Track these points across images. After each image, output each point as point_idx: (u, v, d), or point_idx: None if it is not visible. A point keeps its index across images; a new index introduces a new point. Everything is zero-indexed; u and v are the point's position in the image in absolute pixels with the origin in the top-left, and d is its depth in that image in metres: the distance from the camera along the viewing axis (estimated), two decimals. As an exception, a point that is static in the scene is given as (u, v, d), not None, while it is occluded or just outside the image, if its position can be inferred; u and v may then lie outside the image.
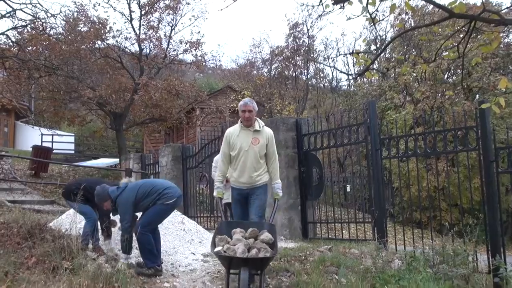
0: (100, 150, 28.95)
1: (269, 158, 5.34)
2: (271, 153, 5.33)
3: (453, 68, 17.03)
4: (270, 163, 5.35)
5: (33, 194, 13.53)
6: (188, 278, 5.70)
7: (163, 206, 5.55)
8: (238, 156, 5.22)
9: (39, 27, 11.56)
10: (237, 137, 5.25)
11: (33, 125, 16.20)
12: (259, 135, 5.25)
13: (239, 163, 5.24)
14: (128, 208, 5.50)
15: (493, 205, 5.90)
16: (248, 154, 5.18)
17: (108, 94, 16.56)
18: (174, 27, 19.40)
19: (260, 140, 5.23)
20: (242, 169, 5.22)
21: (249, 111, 5.20)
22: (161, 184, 5.79)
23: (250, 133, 5.23)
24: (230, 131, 5.37)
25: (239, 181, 5.30)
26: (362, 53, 4.76)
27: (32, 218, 6.54)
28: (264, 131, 5.31)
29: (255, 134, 5.23)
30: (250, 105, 5.22)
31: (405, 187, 10.62)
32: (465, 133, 6.35)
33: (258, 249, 4.36)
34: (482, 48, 4.36)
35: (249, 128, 5.25)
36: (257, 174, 5.26)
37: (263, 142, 5.24)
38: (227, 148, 5.31)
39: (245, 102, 5.26)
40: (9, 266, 4.46)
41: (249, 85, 22.96)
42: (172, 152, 11.42)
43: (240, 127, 5.30)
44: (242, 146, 5.19)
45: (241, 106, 5.25)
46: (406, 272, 5.48)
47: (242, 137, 5.23)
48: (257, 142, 5.20)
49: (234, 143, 5.24)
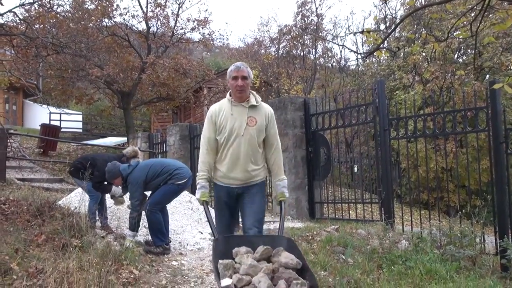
0: (108, 129, 29.05)
1: (269, 144, 3.87)
2: (272, 137, 3.86)
3: (463, 48, 16.79)
4: (270, 152, 3.87)
5: (42, 172, 13.65)
6: (195, 256, 5.75)
7: (174, 186, 5.59)
8: (228, 142, 3.75)
9: (46, 4, 11.48)
10: (226, 116, 3.77)
11: (41, 104, 16.20)
12: (256, 112, 3.80)
13: (229, 152, 3.76)
14: (138, 187, 5.55)
15: (502, 187, 5.87)
16: (242, 139, 3.71)
17: (115, 73, 16.54)
18: (181, 4, 19.22)
19: (258, 120, 3.77)
20: (234, 161, 3.75)
21: (243, 78, 3.74)
22: (173, 164, 5.82)
23: (244, 110, 3.78)
24: (215, 108, 3.87)
25: (229, 177, 3.81)
26: (373, 32, 4.66)
27: (41, 196, 6.63)
28: (263, 108, 3.86)
29: (251, 112, 3.78)
30: (244, 70, 3.77)
31: (413, 167, 10.58)
32: (475, 114, 6.29)
33: (286, 281, 2.82)
34: (495, 27, 4.28)
35: (243, 104, 3.79)
36: (254, 168, 3.80)
37: (262, 122, 3.79)
38: (212, 132, 3.82)
39: (237, 66, 3.80)
40: (19, 243, 4.50)
41: (256, 64, 22.79)
42: (180, 131, 11.42)
43: (230, 102, 3.82)
44: (234, 128, 3.72)
45: (232, 71, 3.80)
46: (413, 253, 5.49)
47: (234, 116, 3.76)
48: (253, 122, 3.75)
49: (221, 124, 3.77)
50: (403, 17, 13.43)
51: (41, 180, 11.47)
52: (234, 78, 3.76)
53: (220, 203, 3.96)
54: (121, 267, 4.49)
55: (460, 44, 15.74)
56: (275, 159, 3.89)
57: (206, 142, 3.85)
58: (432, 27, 16.43)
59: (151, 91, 19.45)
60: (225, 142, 3.76)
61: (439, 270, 4.94)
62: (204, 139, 3.86)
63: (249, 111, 3.78)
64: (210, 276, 4.98)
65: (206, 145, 3.84)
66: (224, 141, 3.76)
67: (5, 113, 22.75)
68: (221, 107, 3.85)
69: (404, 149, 8.53)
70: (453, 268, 5.09)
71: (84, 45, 15.01)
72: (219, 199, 3.95)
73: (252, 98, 3.84)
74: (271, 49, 26.28)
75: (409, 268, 5.05)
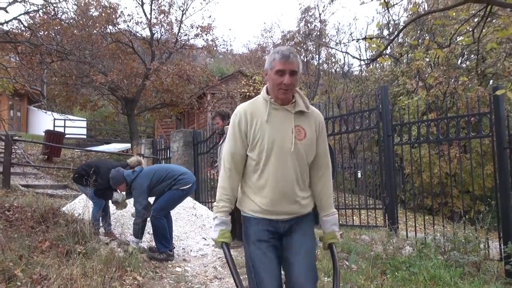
0: (111, 135, 29.11)
1: (317, 165, 2.73)
2: (322, 156, 2.74)
3: (466, 53, 16.79)
4: (318, 176, 2.75)
5: (46, 178, 13.68)
6: (199, 263, 5.75)
7: (178, 191, 5.61)
8: (268, 161, 2.59)
9: (50, 11, 11.55)
10: (263, 123, 2.61)
11: (45, 110, 16.28)
12: (304, 121, 2.67)
13: (269, 176, 2.60)
14: (142, 192, 5.56)
15: (506, 192, 5.85)
16: (289, 157, 2.59)
17: (119, 79, 16.63)
18: (185, 11, 19.32)
19: (307, 132, 2.65)
20: (278, 188, 2.59)
21: (292, 73, 2.56)
22: (177, 169, 5.84)
23: (288, 116, 2.63)
24: (245, 111, 2.66)
25: (271, 212, 2.62)
26: (375, 38, 4.66)
27: (46, 203, 6.63)
28: (313, 115, 2.72)
29: (298, 120, 2.65)
30: (294, 62, 2.56)
31: (417, 173, 10.56)
32: (478, 119, 6.29)
33: None
34: (498, 33, 4.29)
35: (287, 107, 2.64)
36: (304, 196, 2.69)
37: (312, 135, 2.67)
38: (240, 146, 2.65)
39: (285, 56, 2.55)
40: (23, 249, 4.52)
41: (260, 70, 22.85)
42: (184, 137, 11.44)
43: (268, 103, 2.64)
44: (276, 142, 2.58)
45: (276, 61, 2.57)
46: (416, 258, 5.48)
47: (274, 124, 2.60)
48: (302, 135, 2.62)
49: (256, 136, 2.60)
50: (405, 24, 13.46)
51: (45, 187, 11.49)
52: (279, 73, 2.55)
53: (257, 246, 2.60)
54: (124, 274, 4.50)
55: (464, 50, 15.75)
56: (324, 185, 2.76)
57: (230, 160, 2.66)
58: (435, 33, 16.45)
59: (155, 97, 19.54)
60: (263, 162, 2.59)
61: (443, 276, 4.93)
62: (227, 155, 2.67)
63: (296, 118, 2.63)
64: (214, 282, 4.98)
65: (229, 165, 2.67)
66: (261, 160, 2.59)
67: (9, 119, 22.86)
68: (254, 110, 2.65)
69: (408, 154, 8.52)
70: (457, 274, 5.07)
71: (88, 52, 15.10)
72: (256, 239, 2.62)
73: (299, 100, 2.67)
74: (275, 55, 26.34)
75: (413, 274, 5.04)
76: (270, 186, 2.59)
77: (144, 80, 17.22)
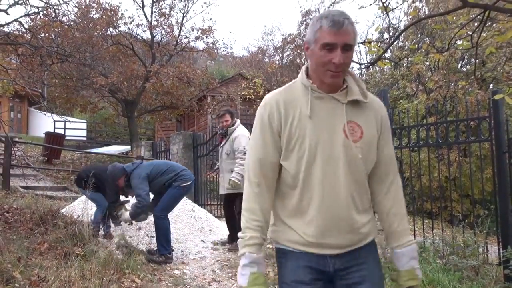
0: (112, 137, 29.14)
1: (381, 175, 1.97)
2: (387, 161, 1.97)
3: (467, 57, 16.81)
4: (383, 190, 2.00)
5: (46, 180, 13.68)
6: (198, 265, 5.75)
7: (180, 188, 5.60)
8: (311, 173, 1.82)
9: (51, 13, 11.58)
10: (303, 118, 1.84)
11: (45, 112, 16.33)
12: (360, 114, 1.90)
13: (313, 193, 1.83)
14: (143, 179, 5.49)
15: (505, 196, 5.85)
16: (339, 164, 1.82)
17: (120, 81, 16.67)
18: (185, 14, 19.40)
19: (365, 130, 1.88)
20: (327, 210, 1.82)
21: (346, 48, 1.78)
22: (177, 165, 5.89)
23: (338, 108, 1.87)
24: (279, 100, 1.90)
25: (318, 244, 1.85)
26: (375, 42, 4.68)
27: (45, 204, 6.64)
28: (373, 107, 1.95)
29: (351, 112, 1.88)
30: (349, 31, 1.77)
31: (416, 177, 10.56)
32: (478, 124, 6.29)
33: None
34: (497, 38, 4.30)
35: (336, 96, 1.87)
36: (364, 222, 1.97)
37: (372, 133, 1.90)
38: (272, 149, 1.88)
39: (337, 22, 1.74)
40: (21, 251, 4.52)
41: (260, 73, 22.87)
42: (183, 139, 11.45)
43: (310, 91, 1.87)
44: (321, 144, 1.82)
45: (323, 30, 1.77)
46: (415, 262, 5.47)
47: (321, 120, 1.84)
48: (358, 134, 1.86)
49: (295, 136, 1.84)
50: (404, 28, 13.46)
51: (44, 188, 11.49)
52: (327, 47, 1.76)
53: None
54: (123, 276, 4.50)
55: (464, 54, 15.76)
56: (394, 203, 1.98)
57: (258, 171, 1.87)
58: (435, 37, 16.47)
59: (155, 100, 19.58)
60: (303, 174, 1.82)
61: (441, 280, 4.93)
62: (254, 165, 1.89)
63: (349, 111, 1.85)
64: (212, 285, 4.98)
65: (257, 178, 1.87)
66: (301, 171, 1.82)
67: (10, 121, 22.88)
68: (290, 101, 1.87)
69: (408, 158, 8.52)
70: (455, 278, 5.07)
71: (89, 54, 15.15)
72: (294, 279, 1.85)
73: (353, 85, 1.89)
74: (275, 58, 26.46)
75: (411, 278, 5.03)
76: (315, 208, 1.80)
77: (145, 82, 17.25)
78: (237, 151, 6.14)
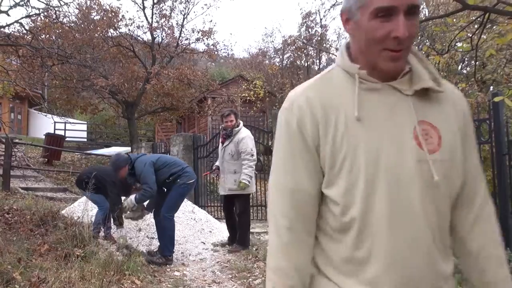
0: (112, 138, 29.12)
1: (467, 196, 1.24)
2: (473, 176, 1.25)
3: (467, 60, 16.82)
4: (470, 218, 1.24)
5: (46, 181, 13.68)
6: (198, 267, 5.75)
7: (184, 186, 5.60)
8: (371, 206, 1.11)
9: (52, 15, 11.59)
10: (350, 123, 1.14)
11: (46, 113, 16.36)
12: (435, 111, 1.19)
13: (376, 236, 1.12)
14: (149, 166, 5.42)
15: (505, 198, 5.86)
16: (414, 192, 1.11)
17: (120, 83, 16.69)
18: (186, 15, 19.43)
19: (444, 133, 1.17)
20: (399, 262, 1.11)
21: (411, 13, 1.10)
22: (181, 162, 5.89)
23: (403, 103, 1.16)
24: (312, 98, 1.18)
25: None
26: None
27: (45, 206, 6.65)
28: (450, 97, 1.24)
29: (423, 109, 1.17)
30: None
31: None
32: (478, 126, 6.29)
33: None
34: (497, 40, 4.31)
35: (397, 85, 1.17)
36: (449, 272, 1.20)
37: (454, 138, 1.19)
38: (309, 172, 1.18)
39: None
40: (22, 252, 4.53)
41: (261, 75, 22.89)
42: (184, 141, 11.45)
43: (357, 81, 1.17)
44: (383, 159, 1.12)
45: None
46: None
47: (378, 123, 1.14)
48: (435, 141, 1.15)
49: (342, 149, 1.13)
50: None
51: (45, 190, 11.50)
52: (380, 14, 1.11)
53: None
54: (123, 277, 4.50)
55: (464, 56, 15.77)
56: (486, 237, 1.27)
57: (288, 206, 1.20)
58: (435, 39, 16.48)
59: (156, 101, 19.58)
60: (360, 208, 1.14)
61: (441, 282, 4.92)
62: (283, 197, 1.22)
63: (416, 105, 1.18)
64: (212, 286, 4.98)
65: (288, 221, 1.20)
66: (355, 202, 1.14)
67: (10, 122, 22.89)
68: (329, 98, 1.20)
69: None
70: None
71: (90, 56, 15.17)
72: None
73: (420, 67, 1.22)
74: (275, 60, 26.45)
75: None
76: (381, 262, 1.13)
77: (145, 84, 17.27)
78: (244, 153, 6.08)
